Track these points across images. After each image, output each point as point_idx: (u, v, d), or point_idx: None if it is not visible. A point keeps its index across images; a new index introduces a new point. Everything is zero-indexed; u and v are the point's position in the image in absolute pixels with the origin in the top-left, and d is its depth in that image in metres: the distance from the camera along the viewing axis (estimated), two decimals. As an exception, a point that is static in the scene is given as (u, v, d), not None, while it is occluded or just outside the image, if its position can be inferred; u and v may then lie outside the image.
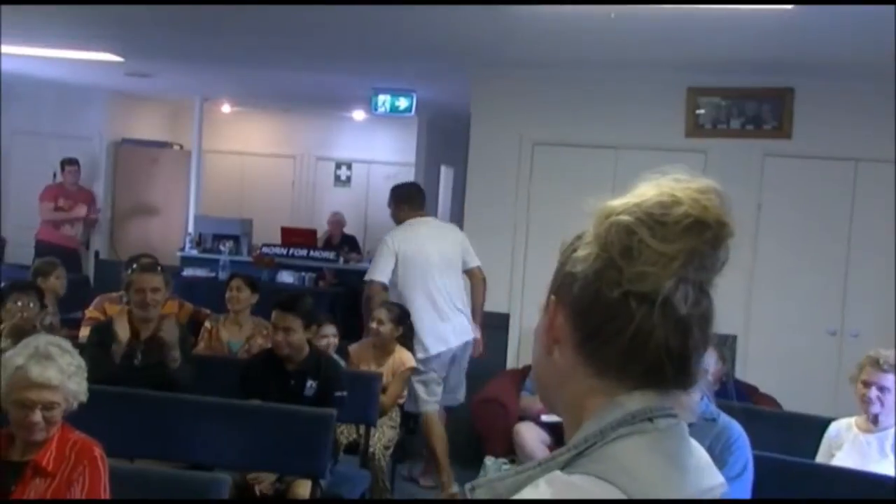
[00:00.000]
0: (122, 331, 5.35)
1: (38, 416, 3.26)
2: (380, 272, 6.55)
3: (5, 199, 12.17)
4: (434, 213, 12.49)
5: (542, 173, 7.68)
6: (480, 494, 1.24)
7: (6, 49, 8.68)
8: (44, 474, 3.25)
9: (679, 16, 5.50)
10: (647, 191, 1.23)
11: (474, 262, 6.84)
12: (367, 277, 6.64)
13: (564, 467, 1.17)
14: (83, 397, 3.41)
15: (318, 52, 8.20)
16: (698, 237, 1.18)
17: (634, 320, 1.19)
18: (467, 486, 1.26)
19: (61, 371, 3.32)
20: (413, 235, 6.70)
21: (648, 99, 7.54)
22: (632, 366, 1.22)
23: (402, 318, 6.31)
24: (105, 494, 3.29)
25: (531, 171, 7.71)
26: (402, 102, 10.02)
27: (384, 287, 6.55)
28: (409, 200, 6.99)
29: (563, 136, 7.63)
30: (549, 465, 1.19)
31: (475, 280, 6.91)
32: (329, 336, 6.06)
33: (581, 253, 1.26)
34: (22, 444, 3.31)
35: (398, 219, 6.97)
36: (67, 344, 3.51)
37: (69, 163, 11.25)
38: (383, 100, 10.03)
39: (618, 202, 1.24)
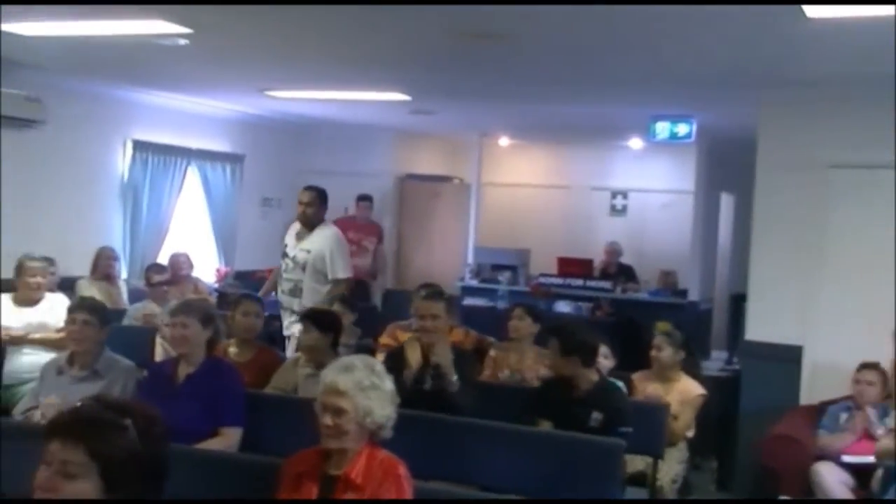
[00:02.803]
0: (413, 356, 5.42)
1: (328, 419, 3.43)
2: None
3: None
4: (714, 241, 12.12)
5: (838, 198, 7.17)
6: None
7: (321, 94, 9.45)
8: (354, 487, 3.38)
9: None
10: None
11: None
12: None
13: None
14: (381, 419, 3.53)
15: (595, 85, 8.22)
16: None
17: None
18: None
19: (356, 382, 3.48)
20: None
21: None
22: None
23: (684, 344, 6.10)
24: None
25: (826, 196, 7.21)
26: (682, 128, 9.76)
27: None
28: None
29: (863, 157, 7.07)
30: None
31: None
32: (600, 358, 5.87)
33: None
34: (337, 458, 3.46)
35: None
36: (380, 367, 3.70)
37: (363, 199, 11.63)
38: (662, 127, 9.82)
39: None
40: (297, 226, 7.75)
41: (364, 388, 3.49)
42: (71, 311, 5.51)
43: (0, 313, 6.68)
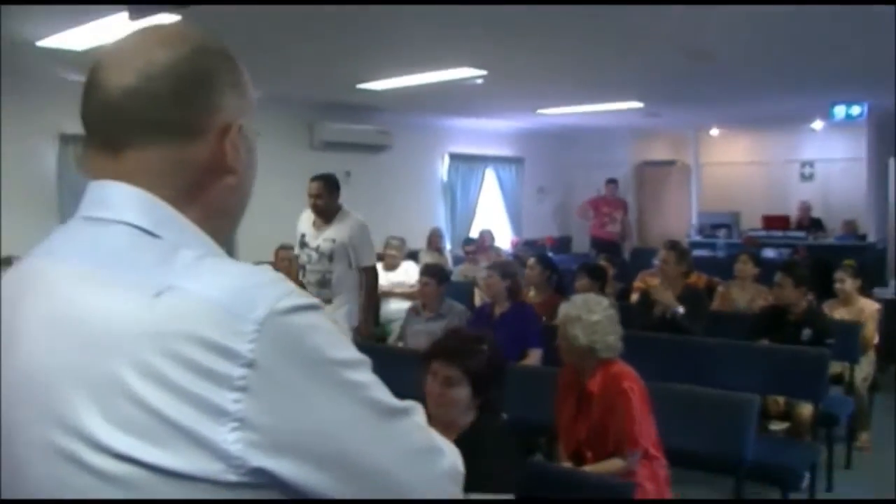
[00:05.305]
0: (656, 294, 5.37)
1: (562, 341, 3.22)
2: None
3: (557, 210, 12.77)
4: (884, 195, 11.16)
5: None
6: None
7: (578, 109, 9.38)
8: (593, 397, 3.15)
9: None
10: None
11: None
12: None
13: None
14: (605, 340, 3.19)
15: (785, 83, 7.77)
16: None
17: None
18: None
19: (583, 313, 3.19)
20: None
21: None
22: None
23: (858, 274, 5.75)
24: (635, 414, 3.03)
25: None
26: (855, 110, 9.24)
27: None
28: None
29: None
30: None
31: None
32: None
33: None
34: (583, 372, 3.21)
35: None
36: (606, 302, 3.34)
37: (611, 181, 11.48)
38: (839, 110, 9.33)
39: None
40: (310, 214, 5.24)
41: (588, 318, 3.17)
42: (421, 273, 5.75)
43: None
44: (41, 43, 5.33)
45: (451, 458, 0.91)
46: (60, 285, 0.83)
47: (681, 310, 5.17)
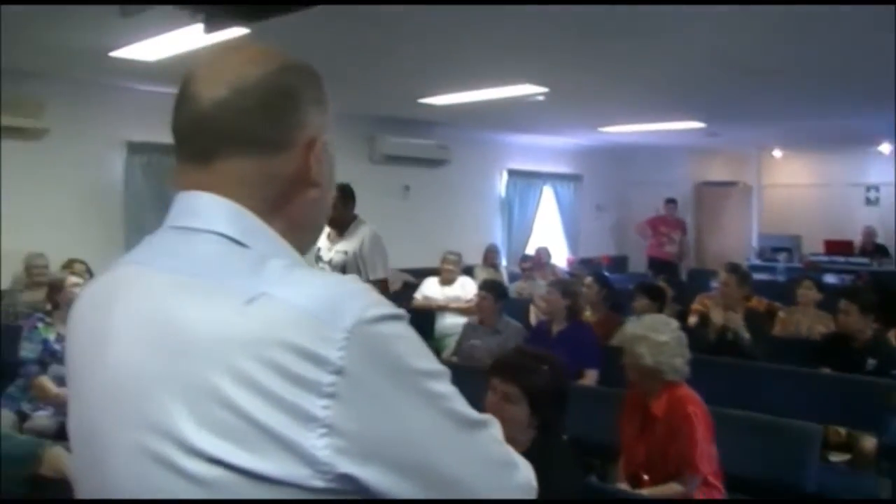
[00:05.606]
0: (716, 318, 5.28)
1: (628, 359, 3.21)
2: None
3: (613, 229, 12.66)
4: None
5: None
6: None
7: (639, 127, 9.35)
8: (656, 419, 3.12)
9: None
10: None
11: None
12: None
13: None
14: (671, 362, 3.15)
15: (852, 100, 7.59)
16: None
17: None
18: None
19: (649, 334, 3.16)
20: None
21: None
22: None
23: None
24: (698, 439, 2.96)
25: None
26: (925, 132, 8.95)
27: None
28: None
29: None
30: None
31: None
32: None
33: None
34: (648, 394, 3.18)
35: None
36: (675, 324, 3.33)
37: (670, 201, 11.35)
38: (907, 132, 9.05)
39: None
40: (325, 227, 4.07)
41: (655, 338, 3.13)
42: (480, 288, 5.75)
43: (427, 289, 7.11)
44: (114, 53, 5.48)
45: (526, 472, 0.93)
46: (153, 293, 0.86)
47: (746, 333, 5.08)
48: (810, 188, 13.42)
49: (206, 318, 0.80)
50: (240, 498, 0.76)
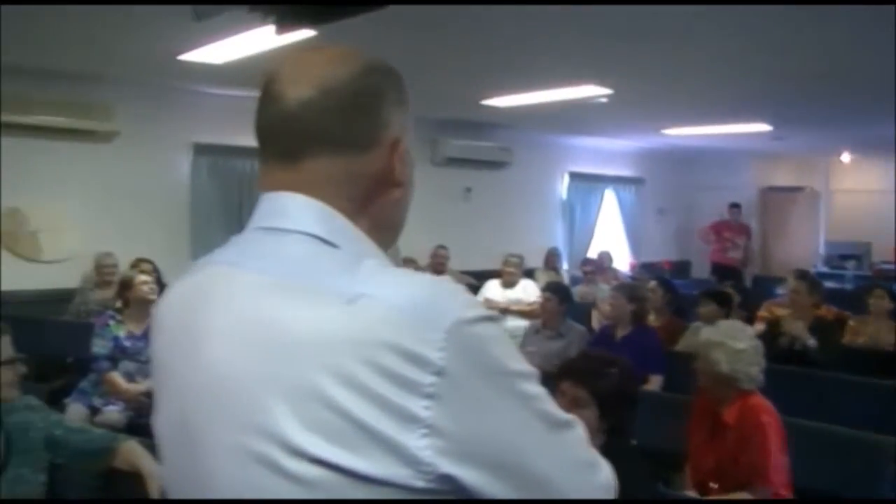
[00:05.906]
0: (787, 325, 5.17)
1: (701, 365, 3.14)
2: None
3: (676, 233, 12.47)
4: None
5: None
6: None
7: (704, 130, 9.22)
8: (728, 427, 3.06)
9: None
10: None
11: None
12: None
13: None
14: (745, 370, 3.10)
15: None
16: None
17: None
18: None
19: (724, 340, 3.11)
20: None
21: None
22: None
23: None
24: (771, 450, 2.91)
25: None
26: None
27: None
28: None
29: None
30: None
31: None
32: None
33: None
34: (720, 401, 3.13)
35: None
36: (751, 331, 3.33)
37: (734, 206, 11.15)
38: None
39: None
40: None
41: (732, 345, 3.08)
42: (544, 290, 5.73)
43: (489, 291, 7.07)
44: (182, 56, 5.59)
45: (607, 472, 0.94)
46: (247, 294, 0.86)
47: (812, 342, 4.96)
48: (880, 194, 13.05)
49: (308, 319, 0.80)
50: (341, 498, 0.77)
